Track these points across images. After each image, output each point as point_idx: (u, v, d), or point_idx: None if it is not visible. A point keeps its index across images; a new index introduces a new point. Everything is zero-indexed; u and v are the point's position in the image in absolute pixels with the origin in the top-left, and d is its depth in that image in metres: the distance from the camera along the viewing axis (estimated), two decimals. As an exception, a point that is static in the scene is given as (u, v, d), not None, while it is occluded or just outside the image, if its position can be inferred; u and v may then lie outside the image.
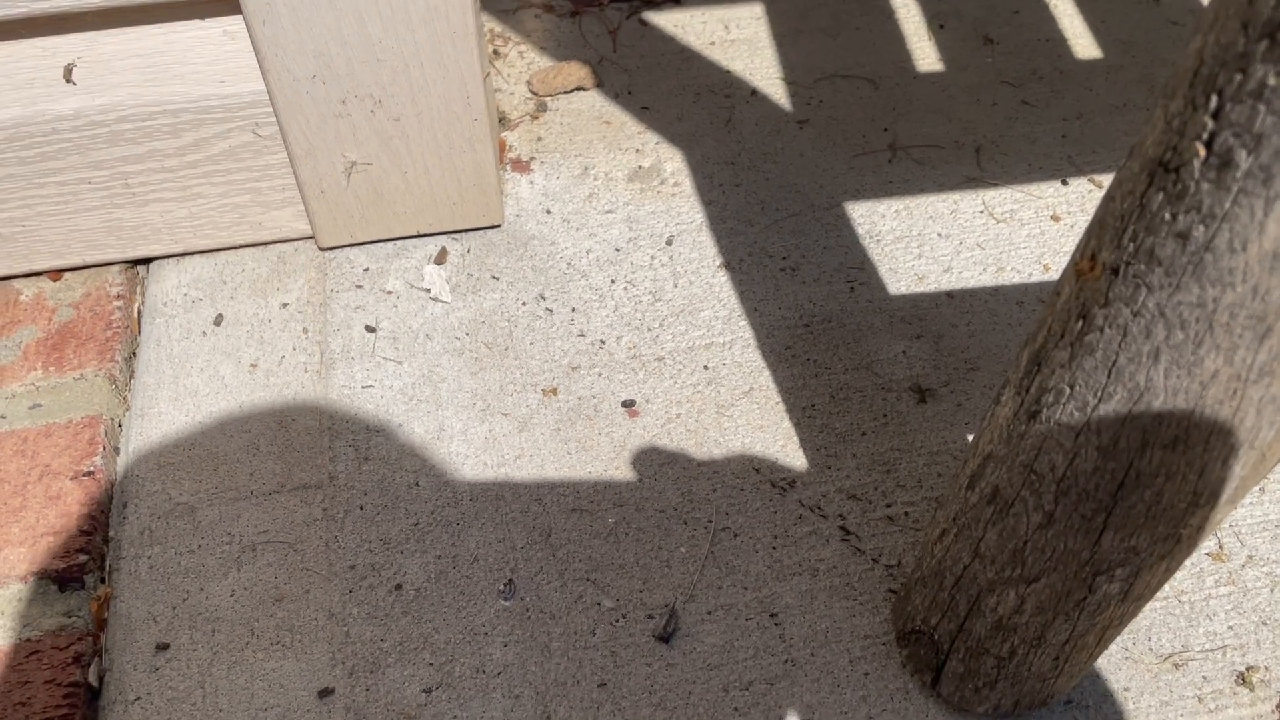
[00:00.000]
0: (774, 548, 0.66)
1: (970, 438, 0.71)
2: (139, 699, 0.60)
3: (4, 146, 0.71)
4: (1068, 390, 0.42)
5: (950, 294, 0.79)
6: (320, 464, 0.70)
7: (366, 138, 0.75)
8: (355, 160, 0.76)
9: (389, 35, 0.69)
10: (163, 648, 0.62)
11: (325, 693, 0.60)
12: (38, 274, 0.81)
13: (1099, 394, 0.40)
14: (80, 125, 0.71)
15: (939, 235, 0.83)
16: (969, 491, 0.50)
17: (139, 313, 0.80)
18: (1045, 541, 0.47)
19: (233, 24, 0.70)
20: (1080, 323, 0.40)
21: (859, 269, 0.81)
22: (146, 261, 0.83)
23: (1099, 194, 0.86)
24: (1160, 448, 0.40)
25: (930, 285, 0.80)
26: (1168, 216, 0.35)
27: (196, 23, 0.70)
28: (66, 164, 0.73)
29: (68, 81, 0.70)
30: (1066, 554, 0.47)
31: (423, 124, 0.75)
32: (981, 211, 0.85)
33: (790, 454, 0.71)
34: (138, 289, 0.81)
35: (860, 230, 0.84)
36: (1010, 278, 0.80)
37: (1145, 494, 0.43)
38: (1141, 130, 0.37)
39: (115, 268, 0.81)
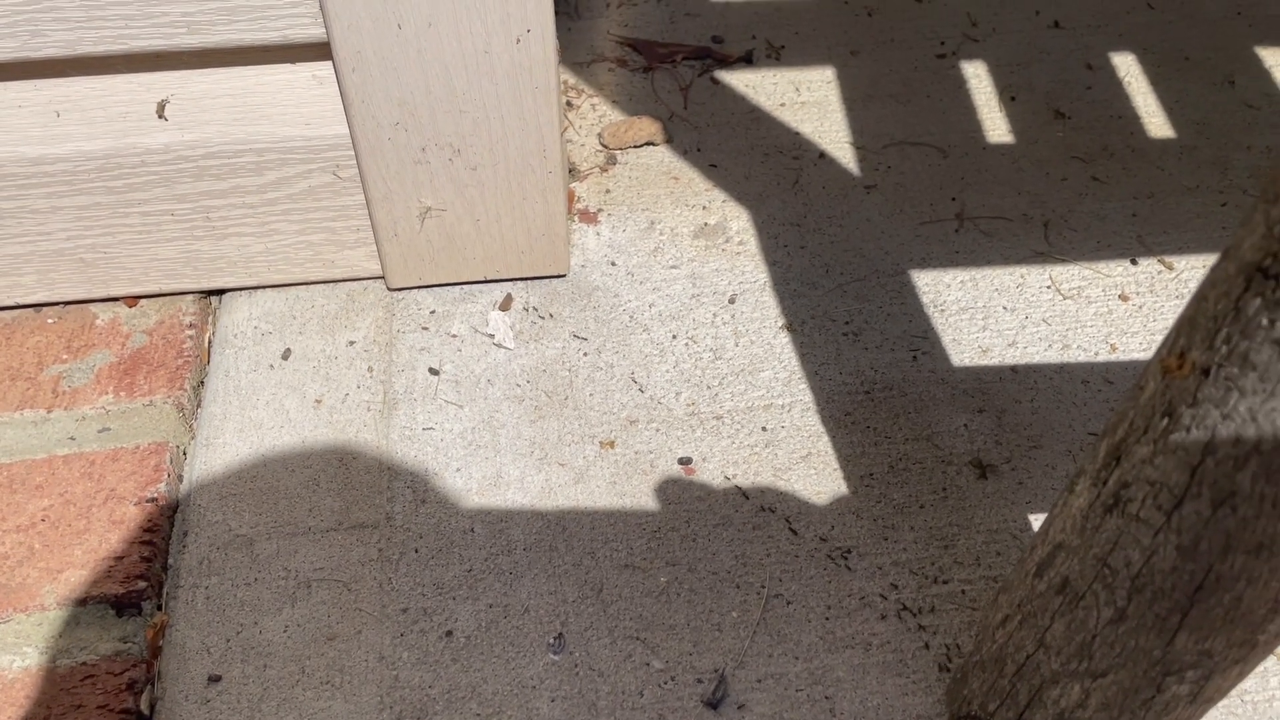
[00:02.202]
0: (827, 618, 0.65)
1: (1031, 518, 0.70)
2: (188, 730, 0.61)
3: (94, 176, 0.74)
4: (1148, 488, 0.41)
5: (1014, 369, 0.79)
6: (378, 504, 0.71)
7: (443, 185, 0.76)
8: (430, 206, 0.78)
9: (473, 88, 0.71)
10: (215, 680, 0.63)
11: (372, 737, 0.60)
12: (114, 299, 0.83)
13: (1180, 494, 0.40)
14: (168, 159, 0.73)
15: (1004, 308, 0.83)
16: (1036, 579, 0.50)
17: (209, 342, 0.81)
18: (1115, 637, 0.46)
19: (322, 69, 0.72)
20: (1165, 420, 0.40)
21: (922, 338, 0.81)
22: (220, 293, 0.84)
23: (1169, 275, 0.85)
24: (1244, 553, 0.40)
25: (994, 359, 0.79)
26: (1265, 322, 0.35)
27: (287, 66, 0.72)
28: (152, 195, 0.75)
29: (160, 117, 0.72)
30: (1137, 651, 0.46)
31: (498, 174, 0.76)
32: (1048, 287, 0.84)
33: (847, 523, 0.70)
34: (209, 319, 0.83)
35: (925, 299, 0.83)
36: (1076, 355, 0.80)
37: (1225, 598, 0.42)
38: (1238, 232, 0.37)
39: (189, 297, 0.83)
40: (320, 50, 0.71)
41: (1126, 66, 1.04)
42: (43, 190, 0.74)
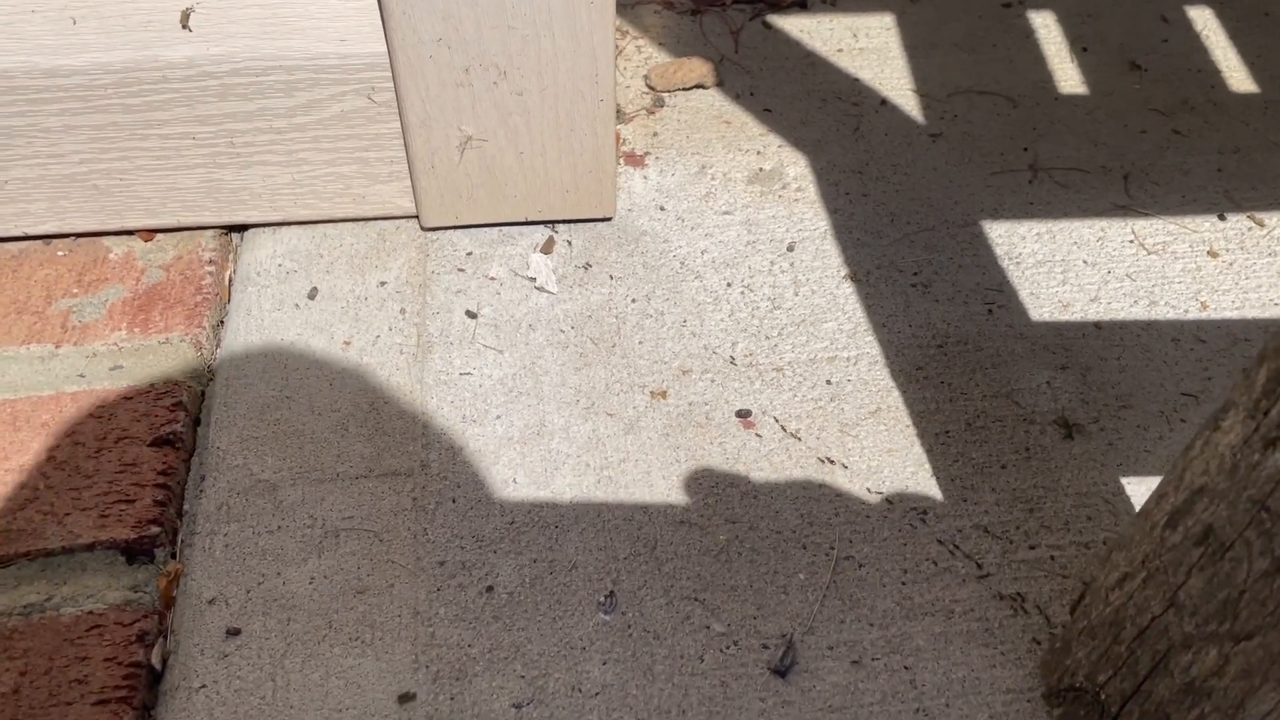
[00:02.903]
0: (903, 583, 0.60)
1: (1124, 481, 0.65)
2: (204, 687, 0.55)
3: (110, 92, 0.68)
4: (1332, 413, 0.35)
5: (1098, 325, 0.73)
6: (412, 451, 0.66)
7: (486, 111, 0.71)
8: (471, 135, 0.72)
9: (524, 1, 0.65)
10: (233, 633, 0.57)
11: (406, 698, 0.55)
12: (129, 232, 0.77)
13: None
14: (191, 75, 0.68)
15: (1084, 262, 0.77)
16: (1168, 530, 0.44)
17: (230, 280, 0.76)
18: (1270, 593, 0.40)
19: (360, -21, 0.67)
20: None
21: (997, 291, 0.75)
22: (242, 229, 0.79)
23: (1260, 232, 0.80)
24: None
25: (1076, 314, 0.74)
26: None
27: (323, -25, 0.66)
28: (172, 116, 0.70)
29: (184, 27, 0.67)
30: (1295, 610, 0.40)
31: (545, 100, 0.71)
32: (1131, 241, 0.79)
33: (922, 482, 0.64)
34: (230, 256, 0.77)
35: (998, 251, 0.78)
36: (1164, 313, 0.74)
37: None
38: None
39: (209, 232, 0.78)
40: (359, -45, 0.65)
41: (1204, 20, 0.99)
42: (55, 106, 0.69)
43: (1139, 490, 0.64)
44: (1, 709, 0.54)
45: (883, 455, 0.66)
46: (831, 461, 0.65)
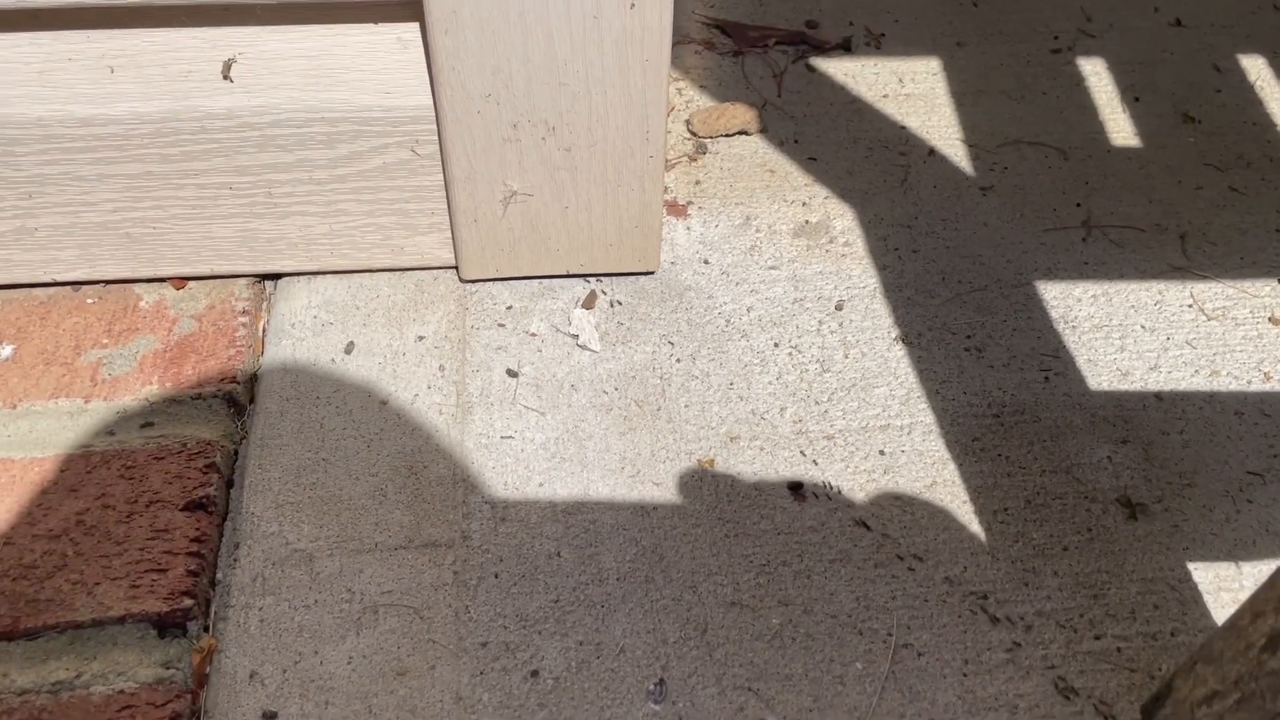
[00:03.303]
0: (964, 674, 0.58)
1: (1191, 567, 0.62)
2: (239, 775, 0.53)
3: (147, 141, 0.66)
4: None
5: (1159, 395, 0.71)
6: (453, 520, 0.63)
7: (532, 166, 0.69)
8: (516, 190, 0.70)
9: (576, 57, 0.63)
10: (270, 717, 0.55)
11: (450, 793, 0.53)
12: (160, 280, 0.75)
13: None
14: (231, 126, 0.66)
15: (1142, 327, 0.75)
16: (1267, 655, 0.42)
17: (264, 332, 0.74)
18: (1385, 735, 0.38)
19: (408, 31, 0.65)
20: None
21: (1053, 357, 0.73)
22: (275, 277, 0.77)
23: (1323, 298, 0.77)
24: None
25: (1135, 383, 0.71)
26: None
27: (370, 26, 0.64)
28: (210, 166, 0.68)
29: (225, 78, 0.65)
30: None
31: (594, 156, 0.69)
32: (1190, 305, 0.76)
33: (981, 564, 0.62)
34: (264, 305, 0.75)
35: (1054, 314, 0.75)
36: (1226, 384, 0.72)
37: None
38: None
39: (242, 281, 0.76)
40: (409, 9, 0.63)
41: (1257, 70, 0.96)
42: (90, 155, 0.67)
43: (1205, 577, 0.62)
44: (29, 796, 0.52)
45: (940, 533, 0.64)
46: (887, 538, 0.63)
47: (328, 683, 0.57)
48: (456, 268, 0.76)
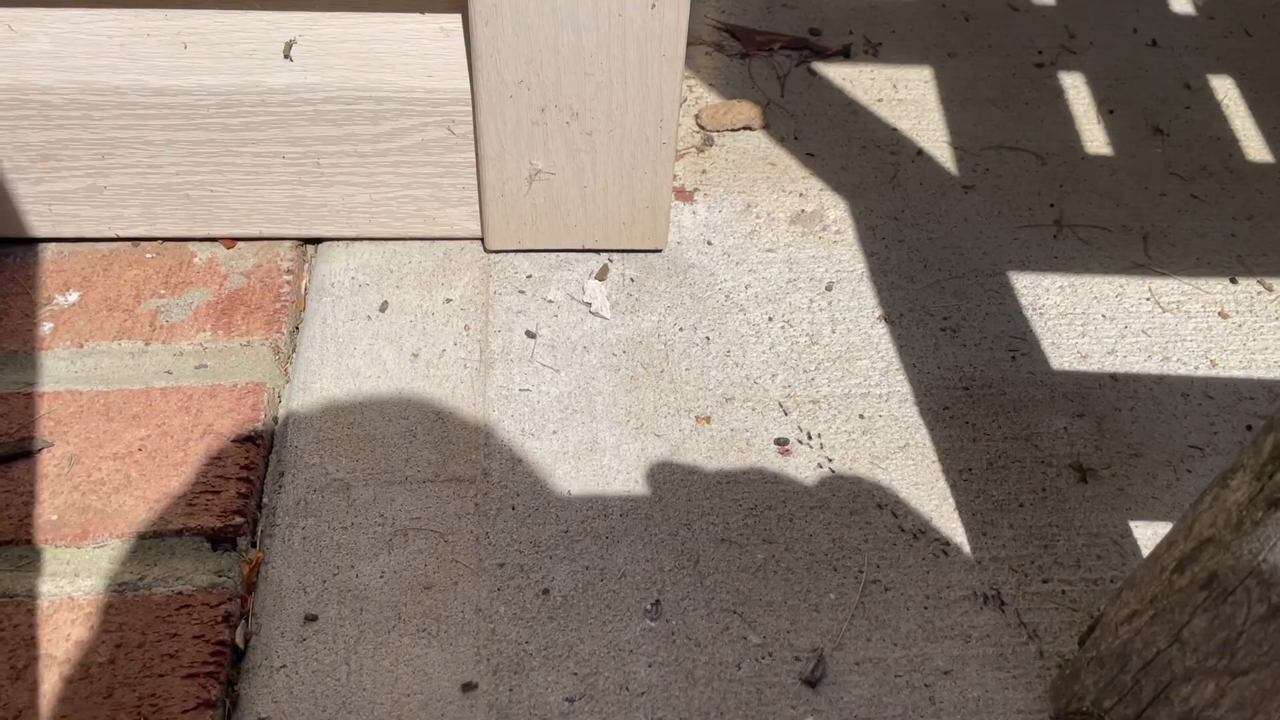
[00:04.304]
0: (925, 608, 0.65)
1: (1133, 525, 0.70)
2: (284, 667, 0.60)
3: (212, 112, 0.73)
4: (1328, 480, 0.40)
5: (1114, 376, 0.78)
6: (475, 459, 0.71)
7: (556, 148, 0.76)
8: (541, 168, 0.77)
9: (601, 51, 0.70)
10: (311, 619, 0.62)
11: (469, 687, 0.60)
12: (213, 239, 0.82)
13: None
14: (288, 101, 0.73)
15: (1103, 316, 0.82)
16: (1176, 574, 0.49)
17: (306, 290, 0.81)
18: (1265, 635, 0.45)
19: (450, 22, 0.72)
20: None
21: (1021, 339, 0.80)
22: (317, 241, 0.84)
23: (1269, 297, 0.85)
24: None
25: (1094, 365, 0.79)
26: None
27: (417, 16, 0.72)
28: (266, 136, 0.75)
29: (285, 57, 0.72)
30: (1287, 651, 0.45)
31: (612, 141, 0.76)
32: (1148, 298, 0.84)
33: (945, 516, 0.69)
34: (306, 266, 0.83)
35: (1023, 301, 0.83)
36: (1176, 369, 0.79)
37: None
38: None
39: (288, 243, 0.83)
40: (453, 1, 0.70)
41: (1225, 89, 1.04)
42: (160, 122, 0.74)
43: (1145, 534, 0.69)
44: (99, 677, 0.59)
45: (910, 488, 0.71)
46: (863, 490, 0.70)
47: (362, 592, 0.64)
48: (482, 239, 0.83)
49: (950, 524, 0.69)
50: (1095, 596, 0.66)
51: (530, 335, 0.78)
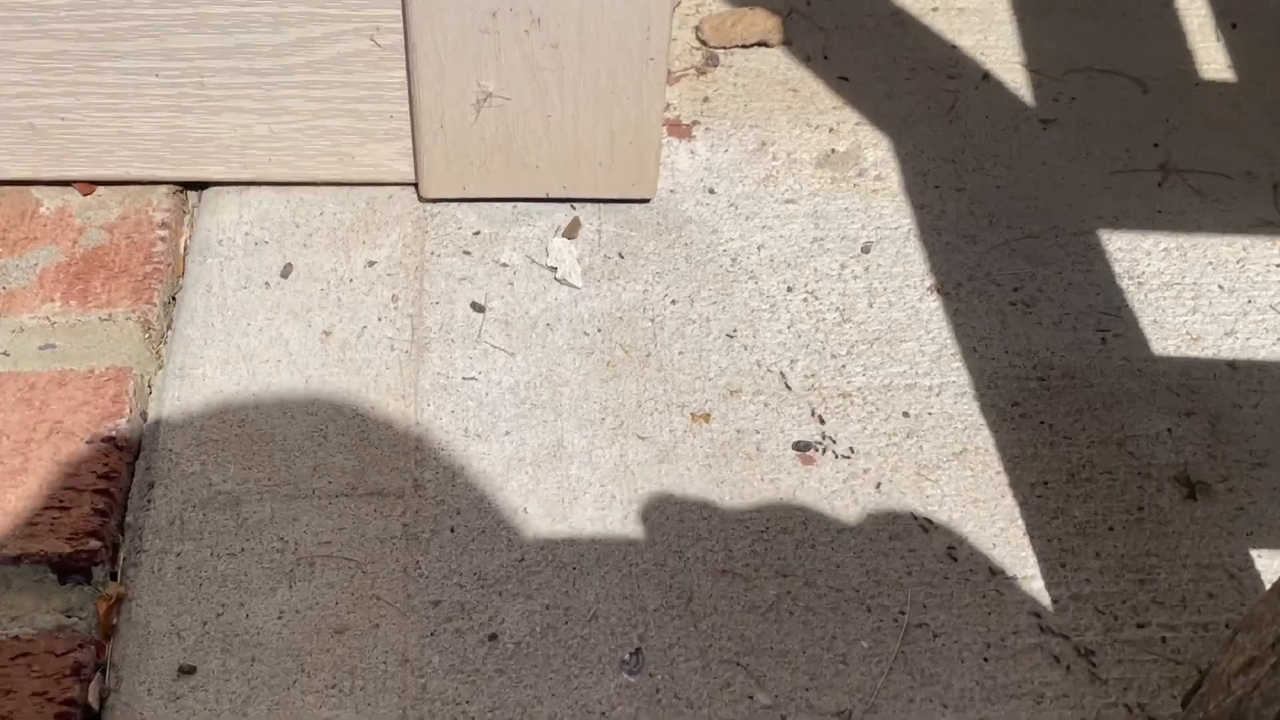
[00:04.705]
0: (985, 659, 0.65)
1: (1254, 554, 0.70)
2: (151, 733, 0.61)
3: (65, 13, 0.73)
4: None
5: (1233, 364, 0.78)
6: (403, 467, 0.71)
7: (512, 64, 0.76)
8: (492, 91, 0.77)
9: (569, -63, 0.71)
10: (187, 671, 0.62)
11: (391, 760, 0.60)
12: (65, 183, 0.82)
13: None
14: (163, 1, 0.73)
15: (1220, 288, 0.83)
16: (1304, 609, 0.49)
17: (186, 248, 0.81)
18: None
19: (374, -101, 0.72)
20: None
21: (1113, 316, 0.81)
22: (202, 187, 0.84)
23: None
24: None
25: (1207, 349, 0.79)
26: None
27: (330, -109, 0.72)
28: (135, 48, 0.75)
29: (159, -56, 0.72)
30: None
31: (585, 56, 0.76)
32: (1278, 265, 0.84)
33: (1013, 542, 0.70)
34: (187, 219, 0.83)
35: (1118, 268, 0.83)
36: (1313, 354, 0.79)
37: None
38: None
39: (162, 189, 0.83)
40: (377, -128, 0.71)
41: (1381, -2, 1.04)
42: (-5, 28, 0.74)
43: (1271, 565, 0.70)
44: (-90, 745, 0.59)
45: (967, 506, 0.71)
46: (905, 508, 0.71)
47: (254, 638, 0.64)
48: (416, 184, 0.84)
49: (1018, 552, 0.69)
50: (1205, 646, 0.66)
51: (478, 308, 0.79)
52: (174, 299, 0.79)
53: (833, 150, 0.89)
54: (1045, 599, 0.68)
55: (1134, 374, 0.78)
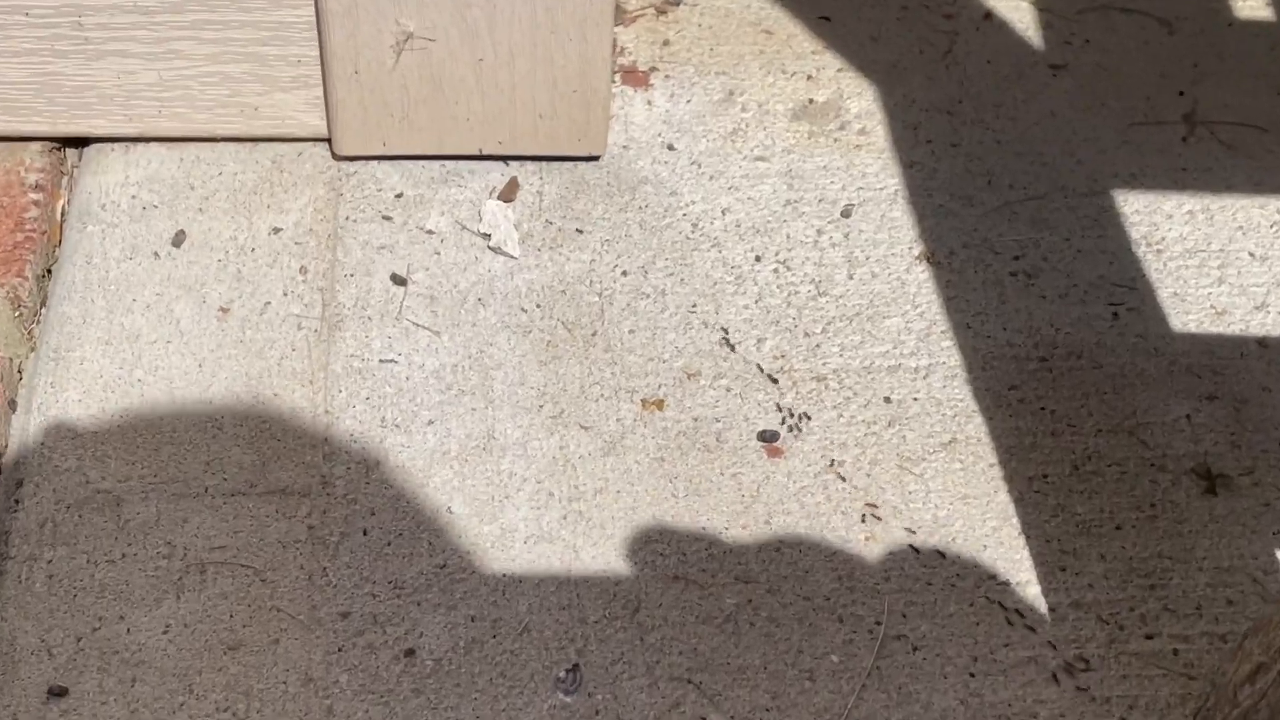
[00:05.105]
0: (971, 674, 0.67)
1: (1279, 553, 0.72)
2: (17, 763, 0.62)
3: (-81, -55, 0.75)
4: None
5: (1263, 342, 0.80)
6: (310, 462, 0.72)
7: (436, 0, 0.78)
8: (413, 31, 0.79)
9: None
10: (58, 693, 0.64)
11: (291, 791, 0.61)
12: (-76, 140, 0.84)
13: None
14: (32, -71, 0.75)
15: (1251, 255, 0.84)
16: (1313, 608, 0.51)
17: (64, 214, 0.82)
18: None
19: None
20: None
21: (1127, 288, 0.82)
22: (82, 143, 0.85)
23: None
24: None
25: (1234, 326, 0.81)
26: None
27: None
28: (1, -17, 0.77)
29: None
30: None
31: (519, -9, 0.78)
32: (1317, 229, 0.86)
33: (1006, 543, 0.71)
34: (65, 181, 0.84)
35: (1134, 233, 0.85)
36: (1354, 330, 0.81)
37: None
38: None
39: (35, 146, 0.84)
40: None
41: None
42: None
43: (1301, 568, 0.71)
44: None
45: (955, 503, 0.73)
46: (885, 506, 0.72)
47: (136, 655, 0.65)
48: (330, 140, 0.85)
49: (1012, 555, 0.71)
50: (1222, 658, 0.68)
51: (399, 281, 0.80)
52: (49, 272, 0.80)
53: (810, 100, 0.91)
54: (1041, 607, 0.69)
55: (1149, 353, 0.79)
